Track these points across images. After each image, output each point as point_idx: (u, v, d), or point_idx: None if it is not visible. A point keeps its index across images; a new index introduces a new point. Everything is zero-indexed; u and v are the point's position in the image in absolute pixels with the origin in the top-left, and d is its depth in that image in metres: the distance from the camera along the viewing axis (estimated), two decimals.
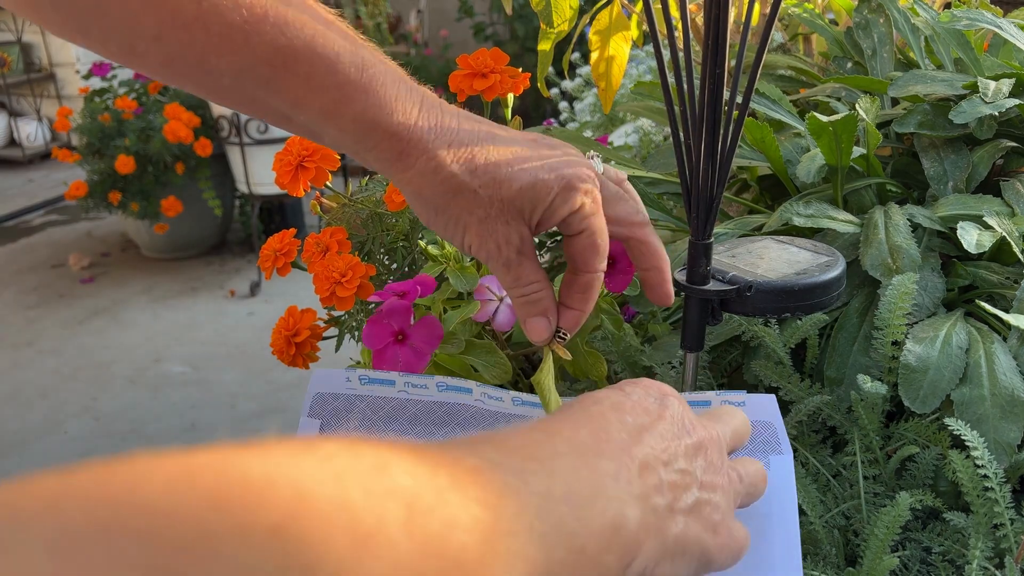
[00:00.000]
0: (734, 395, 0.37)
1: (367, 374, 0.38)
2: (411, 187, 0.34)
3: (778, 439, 0.36)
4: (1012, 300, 0.49)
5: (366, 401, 0.37)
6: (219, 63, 0.30)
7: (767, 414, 0.37)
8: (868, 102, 0.58)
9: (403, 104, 0.33)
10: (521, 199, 0.34)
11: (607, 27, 0.66)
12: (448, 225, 0.35)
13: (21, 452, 1.70)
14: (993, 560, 0.40)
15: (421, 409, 0.37)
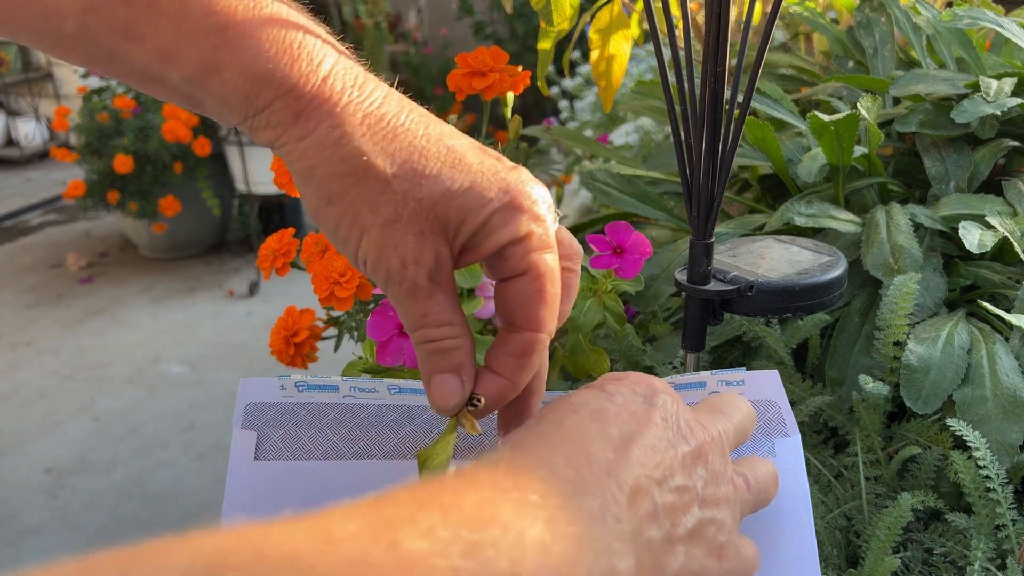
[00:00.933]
0: (732, 373, 0.33)
1: (305, 381, 0.33)
2: (303, 162, 0.25)
3: (783, 419, 0.32)
4: (1014, 300, 0.49)
5: (307, 408, 0.33)
6: (57, 1, 0.23)
7: (770, 392, 0.33)
8: (870, 101, 0.58)
9: (308, 52, 0.25)
10: (447, 206, 0.25)
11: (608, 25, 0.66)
12: (342, 222, 0.25)
13: (20, 452, 1.69)
14: (995, 561, 0.40)
15: (371, 413, 0.33)
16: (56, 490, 1.57)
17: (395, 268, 0.25)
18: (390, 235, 0.25)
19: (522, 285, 0.27)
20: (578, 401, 0.24)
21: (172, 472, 1.61)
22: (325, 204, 0.25)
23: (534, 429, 0.23)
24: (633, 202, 0.63)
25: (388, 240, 0.25)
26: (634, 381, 0.26)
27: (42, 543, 1.42)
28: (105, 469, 1.62)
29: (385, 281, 0.26)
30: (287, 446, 0.33)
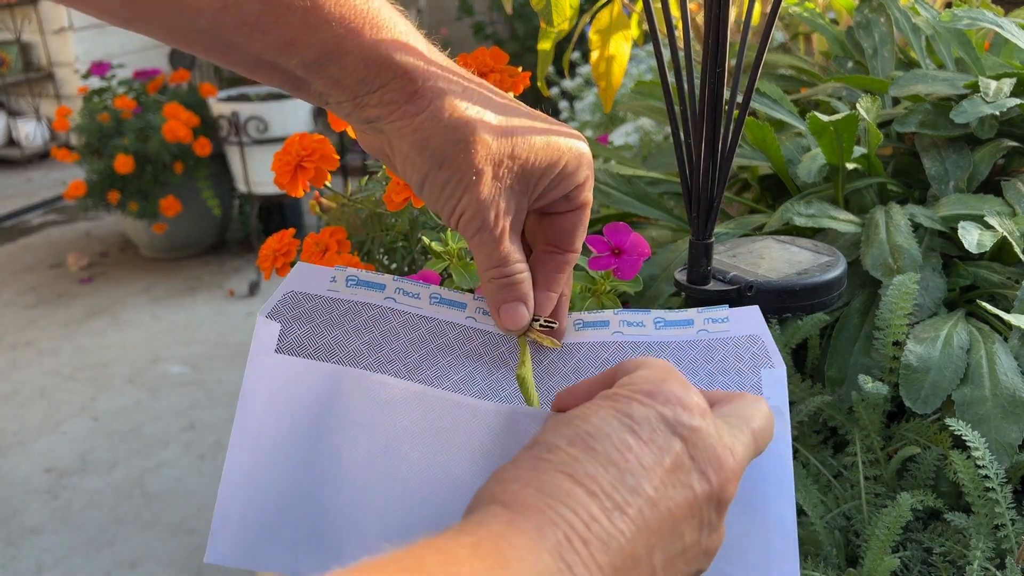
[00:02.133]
0: (716, 311, 0.34)
1: (356, 274, 0.34)
2: (417, 135, 0.28)
3: (768, 352, 0.33)
4: (1013, 300, 0.49)
5: (344, 307, 0.33)
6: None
7: (752, 327, 0.34)
8: (869, 101, 0.58)
9: (414, 40, 0.28)
10: (535, 163, 0.30)
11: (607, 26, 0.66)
12: (449, 182, 0.29)
13: (20, 452, 1.69)
14: (994, 560, 0.40)
15: (402, 323, 0.33)
16: (56, 490, 1.57)
17: (489, 221, 0.30)
18: (489, 192, 0.29)
19: (573, 217, 0.32)
20: (597, 433, 0.23)
21: (172, 472, 1.61)
22: (437, 168, 0.29)
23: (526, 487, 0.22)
24: (633, 202, 0.63)
25: (487, 196, 0.29)
26: (663, 403, 0.24)
27: (42, 543, 1.42)
28: (105, 469, 1.62)
29: (478, 231, 0.30)
30: (310, 342, 0.32)
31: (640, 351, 0.34)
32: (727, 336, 0.34)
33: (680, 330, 0.34)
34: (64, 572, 1.33)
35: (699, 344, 0.34)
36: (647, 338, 0.34)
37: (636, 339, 0.34)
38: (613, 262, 0.44)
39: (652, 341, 0.34)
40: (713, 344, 0.34)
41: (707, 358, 0.34)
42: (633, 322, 0.34)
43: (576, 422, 0.24)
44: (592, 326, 0.34)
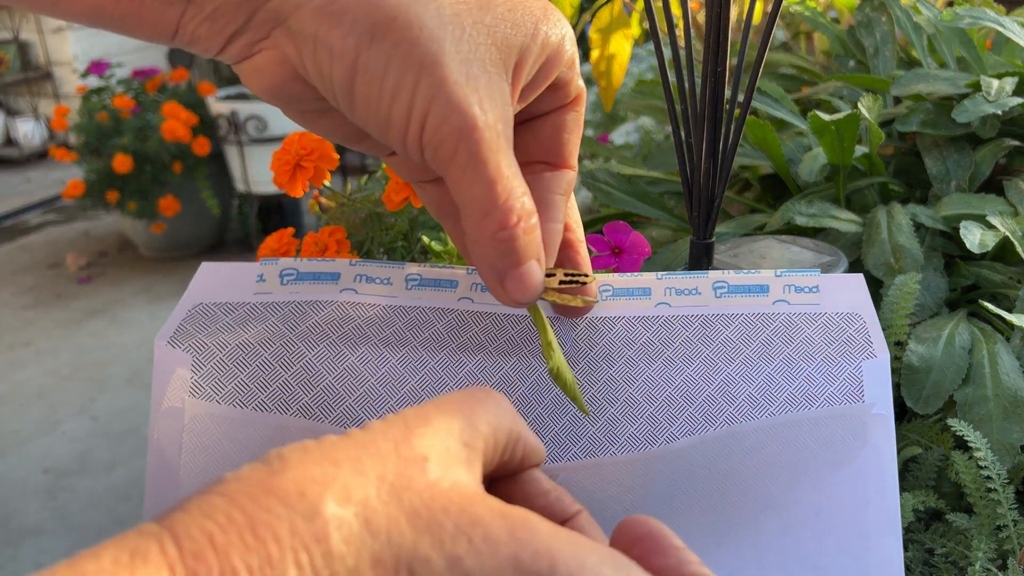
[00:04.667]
0: (802, 276, 0.26)
1: (295, 266, 0.24)
2: (309, 41, 0.19)
3: (869, 336, 0.25)
4: (1015, 300, 0.49)
5: (282, 312, 0.24)
6: None
7: (851, 301, 0.26)
8: (870, 101, 0.58)
9: None
10: (505, 34, 0.19)
11: (608, 25, 0.66)
12: (392, 62, 0.18)
13: (18, 452, 1.69)
14: (996, 561, 0.39)
15: (370, 320, 0.24)
16: (55, 490, 1.56)
17: (476, 116, 0.19)
18: (460, 70, 0.18)
19: (563, 117, 0.23)
20: None
21: None
22: (368, 43, 0.18)
23: None
24: (633, 202, 0.63)
25: (458, 78, 0.18)
26: None
27: (41, 543, 1.41)
28: (104, 469, 1.62)
29: (457, 142, 0.19)
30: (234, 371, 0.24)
31: (695, 327, 0.25)
32: (815, 311, 0.26)
33: (749, 299, 0.26)
34: None
35: (776, 319, 0.26)
36: (703, 309, 0.26)
37: (689, 312, 0.26)
38: (613, 261, 0.44)
39: (710, 313, 0.26)
40: (795, 320, 0.26)
41: (787, 338, 0.25)
42: (684, 290, 0.26)
43: None
44: (628, 294, 0.26)
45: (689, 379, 0.25)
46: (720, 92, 0.35)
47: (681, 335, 0.26)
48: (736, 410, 0.25)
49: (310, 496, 0.14)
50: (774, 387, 0.25)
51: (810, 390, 0.25)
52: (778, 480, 0.24)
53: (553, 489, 0.19)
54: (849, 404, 0.25)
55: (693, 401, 0.25)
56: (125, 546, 0.13)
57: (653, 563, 0.18)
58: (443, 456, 0.16)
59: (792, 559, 0.25)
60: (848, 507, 0.24)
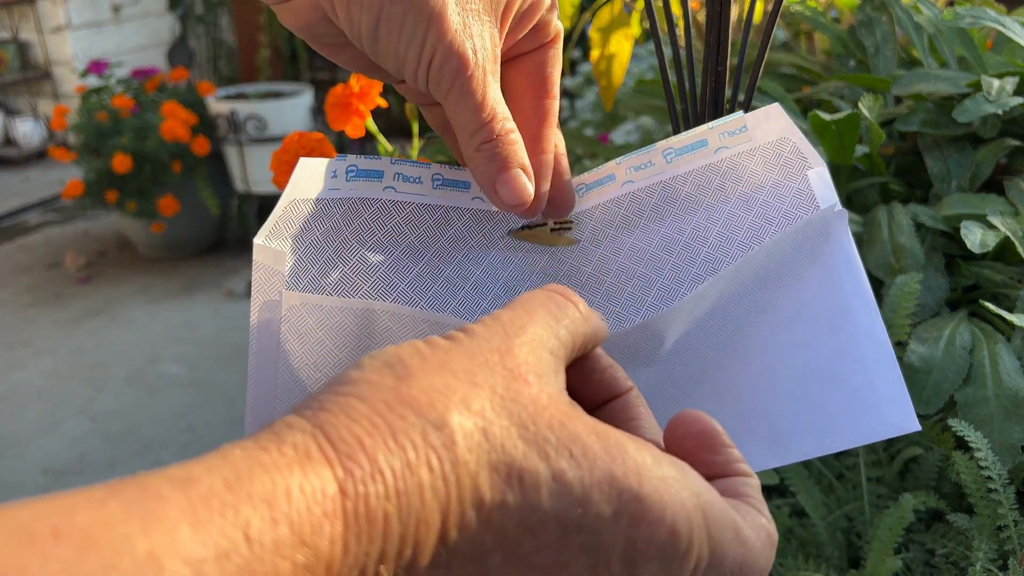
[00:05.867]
0: (730, 120, 0.29)
1: (356, 163, 0.28)
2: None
3: (802, 153, 0.29)
4: (1016, 300, 0.49)
5: (342, 208, 0.28)
6: None
7: (778, 129, 0.29)
8: (871, 100, 0.58)
9: None
10: None
11: (608, 24, 0.65)
12: (408, 14, 0.23)
13: (17, 453, 1.69)
14: (996, 562, 0.39)
15: (406, 218, 0.28)
16: (54, 490, 1.56)
17: (468, 60, 0.24)
18: (458, 22, 0.23)
19: (545, 53, 0.27)
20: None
21: None
22: (377, 26, 0.23)
23: None
24: None
25: (456, 28, 0.23)
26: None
27: None
28: (104, 469, 1.62)
29: (455, 78, 0.24)
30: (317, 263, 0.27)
31: (658, 193, 0.29)
32: (750, 147, 0.29)
33: (695, 155, 0.29)
34: None
35: (722, 164, 0.29)
36: (661, 175, 0.29)
37: (650, 181, 0.29)
38: None
39: (667, 177, 0.29)
40: (738, 160, 0.29)
41: (735, 178, 0.29)
42: (640, 165, 0.29)
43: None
44: (598, 184, 0.30)
45: (665, 236, 0.29)
46: (720, 92, 0.35)
47: (649, 203, 0.30)
48: (710, 249, 0.29)
49: (438, 406, 0.16)
50: (736, 221, 0.29)
51: (767, 213, 0.29)
52: (763, 294, 0.28)
53: (609, 367, 0.22)
54: (803, 213, 0.28)
55: (672, 251, 0.29)
56: (286, 440, 0.15)
57: (705, 458, 0.21)
58: (539, 368, 0.18)
59: (793, 361, 0.28)
60: (828, 293, 0.28)
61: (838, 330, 0.28)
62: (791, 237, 0.28)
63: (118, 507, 0.13)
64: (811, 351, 0.28)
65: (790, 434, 0.28)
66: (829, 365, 0.27)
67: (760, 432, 0.28)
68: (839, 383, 0.27)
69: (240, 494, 0.14)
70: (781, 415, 0.28)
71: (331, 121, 0.47)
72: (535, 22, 0.26)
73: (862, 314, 0.28)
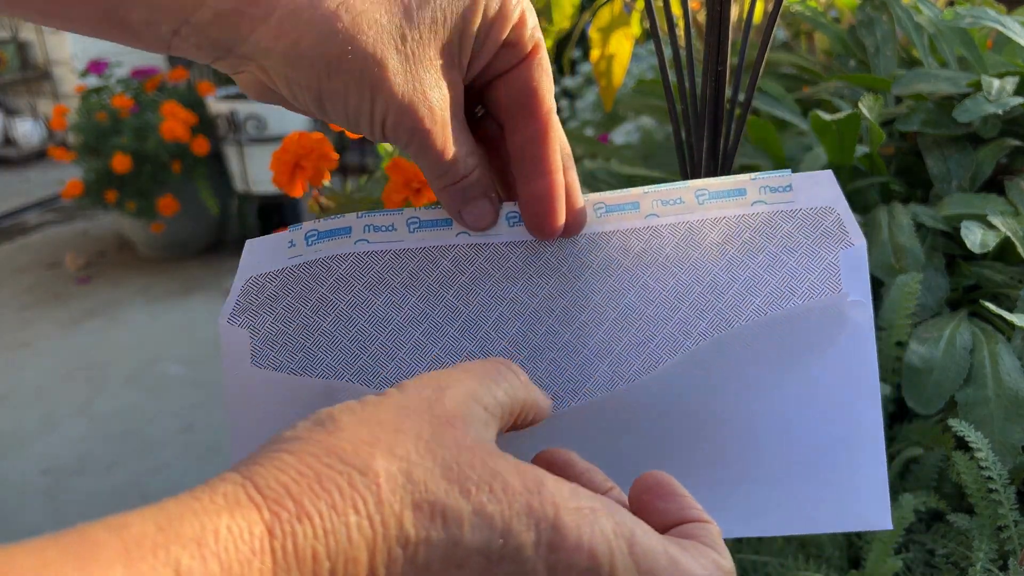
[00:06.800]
0: (776, 176, 0.28)
1: (315, 227, 0.27)
2: (280, 44, 0.22)
3: (844, 226, 0.27)
4: (1016, 300, 0.49)
5: (312, 270, 0.27)
6: None
7: (824, 196, 0.27)
8: (871, 100, 0.58)
9: None
10: (446, 16, 0.23)
11: (608, 24, 0.65)
12: (350, 90, 0.22)
13: (17, 453, 1.69)
14: (997, 562, 0.39)
15: (386, 266, 0.27)
16: (54, 491, 1.56)
17: (420, 119, 0.23)
18: (404, 82, 0.23)
19: (527, 68, 0.25)
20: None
21: (171, 473, 1.61)
22: (327, 78, 0.22)
23: None
24: None
25: (404, 89, 0.23)
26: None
27: None
28: (103, 470, 1.62)
29: (411, 136, 0.24)
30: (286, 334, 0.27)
31: (682, 233, 0.27)
32: (791, 208, 0.27)
33: (729, 202, 0.28)
34: None
35: (756, 218, 0.27)
36: (689, 216, 0.28)
37: (676, 220, 0.28)
38: None
39: (696, 220, 0.27)
40: (774, 218, 0.27)
41: (768, 235, 0.27)
42: (669, 200, 0.28)
43: None
44: (619, 209, 0.28)
45: (681, 282, 0.28)
46: (721, 92, 0.35)
47: (671, 241, 0.28)
48: (724, 305, 0.28)
49: (363, 454, 0.17)
50: (759, 282, 0.28)
51: (792, 282, 0.27)
52: (765, 369, 0.27)
53: (586, 471, 0.23)
54: (828, 294, 0.27)
55: (685, 299, 0.28)
56: (217, 490, 0.16)
57: (659, 507, 0.22)
58: (467, 416, 0.19)
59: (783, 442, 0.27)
60: (834, 385, 0.27)
61: (835, 423, 0.27)
62: (807, 319, 0.27)
63: (56, 552, 0.14)
64: (803, 437, 0.27)
65: (764, 510, 0.28)
66: (819, 454, 0.27)
67: (735, 503, 0.28)
68: (825, 473, 0.27)
69: (171, 535, 0.15)
70: (760, 491, 0.28)
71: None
72: (504, 39, 0.24)
73: (865, 412, 0.27)
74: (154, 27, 0.21)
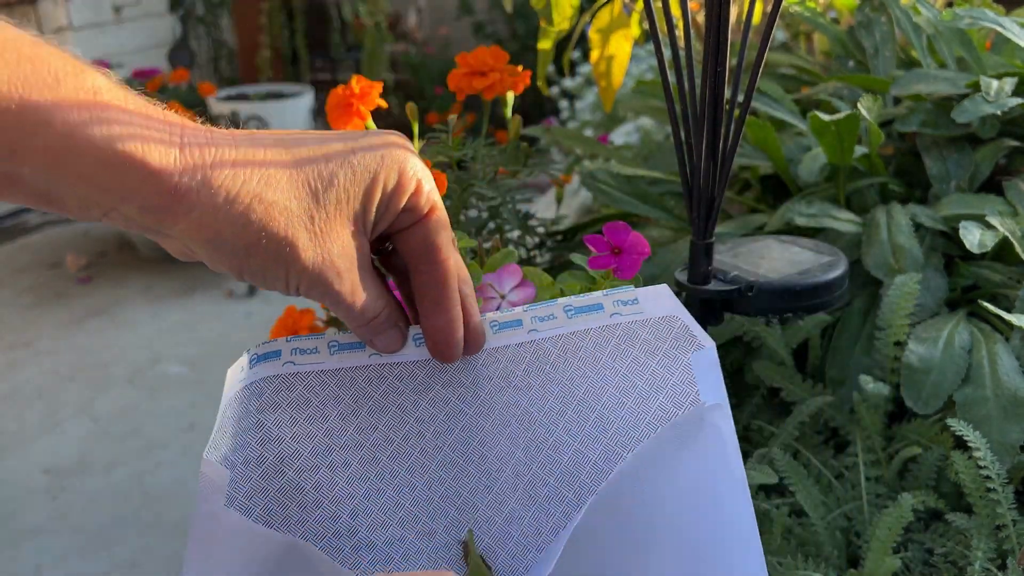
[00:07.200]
0: (623, 292, 0.32)
1: (256, 351, 0.30)
2: (203, 235, 0.25)
3: (691, 331, 0.31)
4: (1015, 300, 0.49)
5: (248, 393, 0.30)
6: None
7: (666, 307, 0.32)
8: (870, 101, 0.58)
9: (157, 125, 0.24)
10: (350, 197, 0.27)
11: (608, 25, 0.66)
12: (267, 268, 0.26)
13: (19, 453, 1.69)
14: (995, 561, 0.39)
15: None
16: (56, 490, 1.56)
17: (330, 283, 0.27)
18: (314, 256, 0.26)
19: (424, 228, 0.29)
20: None
21: (172, 472, 1.61)
22: (245, 258, 0.26)
23: None
24: (633, 202, 0.63)
25: (314, 261, 0.26)
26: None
27: (41, 544, 1.41)
28: (105, 469, 1.62)
29: (322, 296, 0.28)
30: (249, 485, 0.28)
31: (559, 345, 0.31)
32: (643, 318, 0.31)
33: (592, 316, 0.32)
34: (64, 573, 1.33)
35: (618, 328, 0.31)
36: (562, 329, 0.32)
37: (551, 333, 0.32)
38: (613, 261, 0.44)
39: (567, 332, 0.32)
40: (632, 327, 0.31)
41: (631, 341, 0.31)
42: (544, 316, 0.32)
43: None
44: (508, 326, 0.32)
45: (564, 388, 0.31)
46: (720, 92, 0.36)
47: (553, 352, 0.32)
48: (603, 408, 0.31)
49: None
50: (628, 384, 0.31)
51: (657, 382, 0.31)
52: (643, 465, 0.30)
53: None
54: (687, 393, 0.31)
55: (569, 403, 0.31)
56: None
57: None
58: None
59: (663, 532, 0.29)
60: (699, 478, 0.29)
61: (709, 521, 0.29)
62: (673, 424, 0.30)
63: None
64: (681, 530, 0.29)
65: None
66: (697, 552, 0.29)
67: None
68: (706, 563, 0.29)
69: None
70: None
71: (332, 122, 0.47)
72: (403, 206, 0.28)
73: (731, 503, 0.29)
74: (86, 211, 0.25)
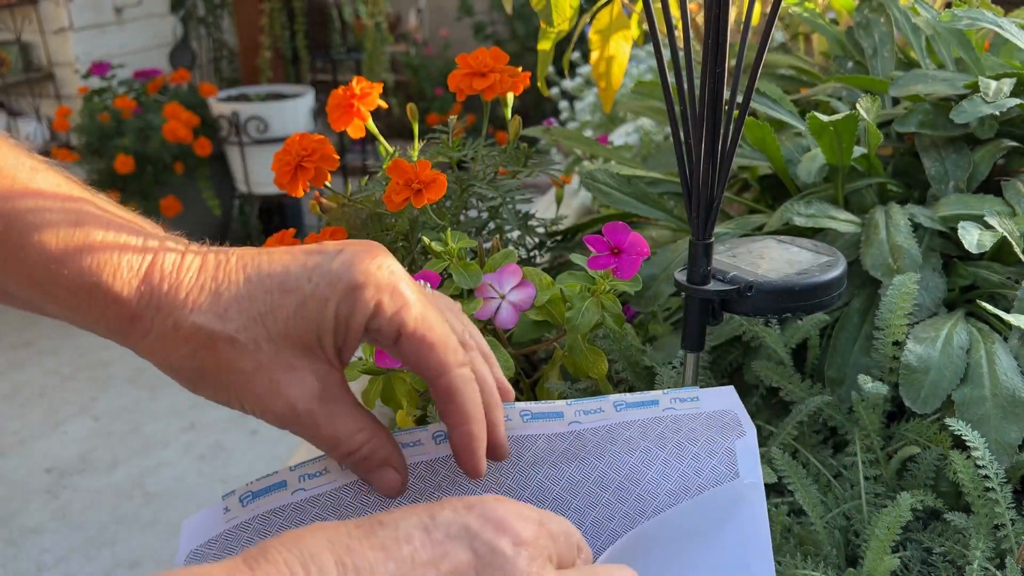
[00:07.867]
0: (685, 391, 0.33)
1: (249, 490, 0.29)
2: (157, 357, 0.27)
3: (740, 422, 0.33)
4: (1013, 300, 0.49)
5: (253, 527, 0.29)
6: None
7: (725, 403, 0.33)
8: (869, 101, 0.58)
9: (126, 254, 0.26)
10: (299, 328, 0.26)
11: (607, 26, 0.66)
12: (219, 394, 0.27)
13: (20, 452, 1.69)
14: (994, 560, 0.40)
15: (324, 506, 0.29)
16: (57, 490, 1.57)
17: (285, 411, 0.26)
18: (262, 385, 0.26)
19: (407, 345, 0.27)
20: (388, 520, 0.22)
21: (172, 472, 1.61)
22: (198, 383, 0.27)
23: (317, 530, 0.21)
24: (633, 202, 0.63)
25: (263, 390, 0.26)
26: (476, 516, 0.23)
27: (43, 542, 1.42)
28: (106, 469, 1.63)
29: (289, 426, 0.27)
30: None
31: (601, 435, 0.32)
32: (697, 412, 0.33)
33: (644, 410, 0.32)
34: (64, 572, 1.33)
35: (666, 419, 0.32)
36: (607, 421, 0.32)
37: (595, 425, 0.32)
38: (612, 261, 0.44)
39: (613, 423, 0.32)
40: (681, 418, 0.32)
41: (675, 429, 0.32)
42: (590, 410, 0.32)
43: (380, 514, 0.23)
44: (544, 417, 0.32)
45: (603, 472, 0.31)
46: (719, 93, 0.36)
47: (592, 441, 0.32)
48: (642, 491, 0.31)
49: None
50: (670, 467, 0.32)
51: (697, 465, 0.32)
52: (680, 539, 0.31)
53: None
54: (727, 475, 0.32)
55: (607, 488, 0.31)
56: None
57: None
58: None
59: None
60: (733, 552, 0.30)
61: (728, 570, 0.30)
62: (712, 499, 0.31)
63: None
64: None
65: None
66: None
67: None
68: None
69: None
70: None
71: (333, 122, 0.47)
72: (368, 328, 0.27)
73: (761, 572, 0.30)
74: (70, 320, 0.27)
